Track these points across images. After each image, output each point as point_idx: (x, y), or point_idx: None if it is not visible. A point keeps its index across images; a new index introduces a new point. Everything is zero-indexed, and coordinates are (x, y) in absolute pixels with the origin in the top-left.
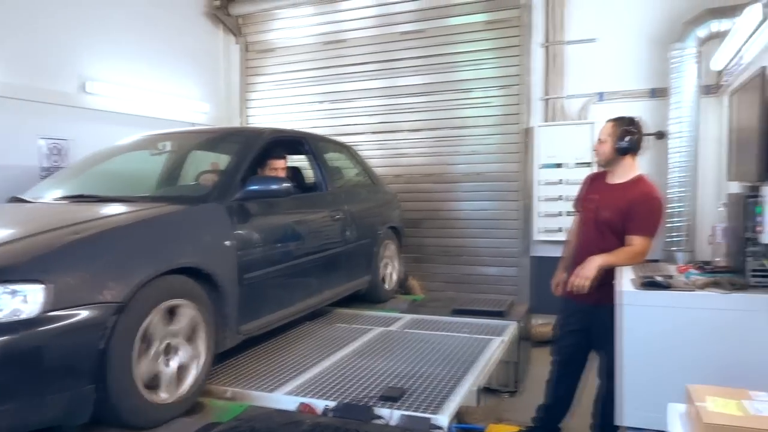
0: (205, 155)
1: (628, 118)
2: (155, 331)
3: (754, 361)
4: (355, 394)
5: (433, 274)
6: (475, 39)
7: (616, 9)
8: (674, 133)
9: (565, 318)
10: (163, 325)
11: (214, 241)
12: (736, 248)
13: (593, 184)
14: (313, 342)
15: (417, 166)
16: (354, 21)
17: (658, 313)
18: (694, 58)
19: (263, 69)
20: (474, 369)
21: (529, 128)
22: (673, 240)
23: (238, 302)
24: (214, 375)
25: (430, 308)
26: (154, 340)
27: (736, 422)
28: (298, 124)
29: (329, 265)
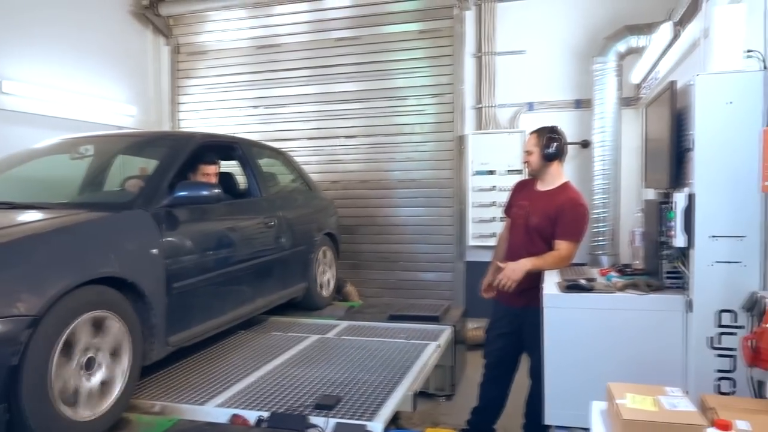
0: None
1: (549, 127)
2: (75, 345)
3: (669, 358)
4: (289, 404)
5: (370, 281)
6: (409, 48)
7: (542, 23)
8: (598, 143)
9: (494, 321)
10: (84, 338)
11: (139, 249)
12: (652, 251)
13: (522, 190)
14: (247, 351)
15: (353, 173)
16: (288, 26)
17: (580, 315)
18: (614, 72)
19: (195, 72)
20: (409, 374)
21: (462, 136)
22: (598, 244)
23: (166, 312)
24: (141, 389)
25: (367, 314)
26: (75, 354)
27: (652, 417)
28: (231, 129)
29: (263, 272)
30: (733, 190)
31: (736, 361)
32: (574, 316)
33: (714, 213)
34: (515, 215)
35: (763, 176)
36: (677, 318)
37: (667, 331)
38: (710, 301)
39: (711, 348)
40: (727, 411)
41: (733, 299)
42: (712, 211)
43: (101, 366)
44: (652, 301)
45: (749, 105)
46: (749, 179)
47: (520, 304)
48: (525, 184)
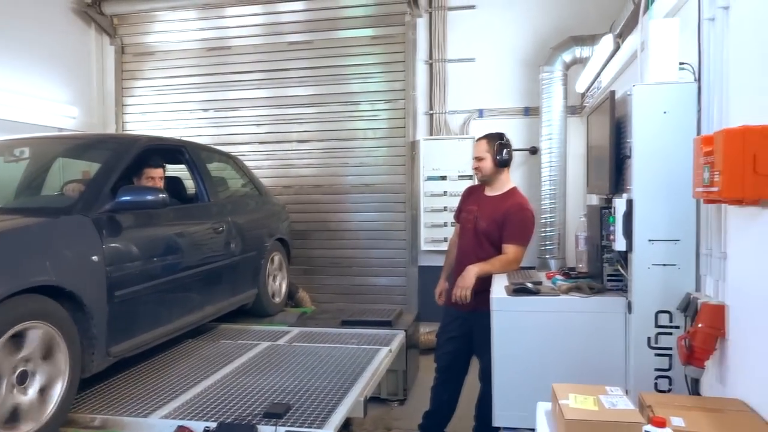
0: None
1: (497, 133)
2: (6, 359)
3: (611, 358)
4: (238, 413)
5: (323, 286)
6: (363, 53)
7: (492, 31)
8: (545, 149)
9: (445, 325)
10: (17, 350)
11: (78, 256)
12: (595, 255)
13: (472, 196)
14: (194, 360)
15: (306, 177)
16: (240, 28)
17: (527, 318)
18: (560, 81)
19: (142, 73)
20: (361, 380)
21: (414, 141)
22: (546, 248)
23: (108, 322)
24: (80, 402)
25: (319, 320)
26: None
27: (593, 417)
28: (180, 133)
29: (212, 279)
30: (668, 196)
31: (673, 360)
32: (522, 318)
33: (651, 218)
34: (465, 220)
35: (695, 182)
36: (618, 319)
37: (609, 332)
38: (648, 302)
39: (650, 347)
40: (663, 408)
41: (669, 300)
42: (650, 216)
43: (36, 380)
44: (595, 303)
45: (683, 114)
46: (683, 185)
47: (469, 308)
48: (474, 189)
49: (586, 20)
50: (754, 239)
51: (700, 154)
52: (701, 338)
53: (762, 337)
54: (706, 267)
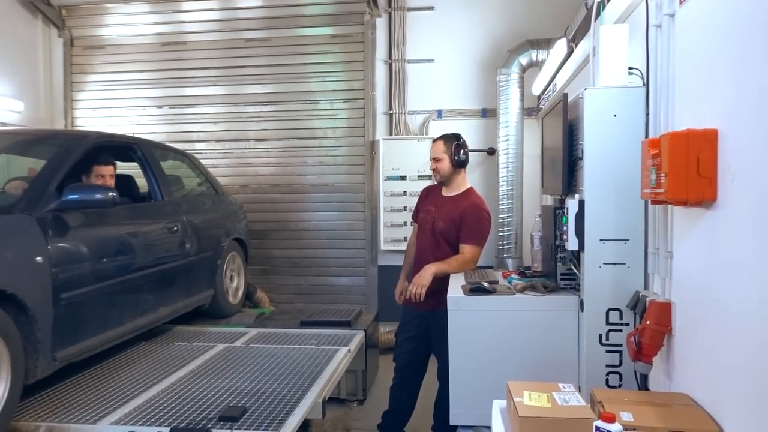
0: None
1: (454, 134)
2: None
3: (565, 355)
4: (192, 417)
5: (282, 286)
6: (322, 51)
7: (450, 33)
8: (502, 150)
9: (404, 324)
10: None
11: (20, 257)
12: (549, 254)
13: (429, 196)
14: (147, 364)
15: (264, 176)
16: (195, 23)
17: (483, 317)
18: (517, 83)
19: (92, 67)
20: (319, 381)
21: (374, 141)
22: (504, 247)
23: (53, 325)
24: (23, 409)
25: (278, 321)
26: None
27: (546, 413)
28: (133, 130)
29: (165, 280)
30: (618, 197)
31: (623, 356)
32: (478, 317)
33: (602, 218)
34: (422, 220)
35: (643, 184)
36: (571, 317)
37: (563, 330)
38: (599, 300)
39: (601, 344)
40: (613, 404)
41: (619, 298)
42: (600, 216)
43: None
44: (549, 302)
45: (632, 118)
46: (632, 187)
47: (427, 307)
48: (431, 190)
49: (543, 24)
50: (697, 239)
51: (648, 157)
52: (649, 335)
53: (705, 334)
54: (654, 266)
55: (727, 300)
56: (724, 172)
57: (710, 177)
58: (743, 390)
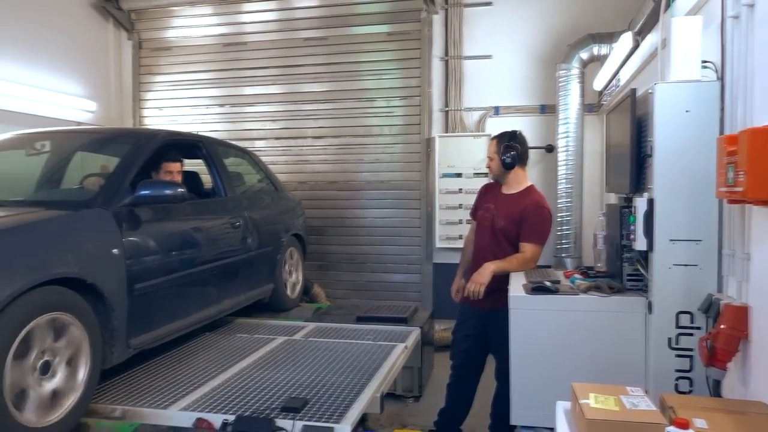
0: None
1: (510, 133)
2: (31, 348)
3: (630, 358)
4: (255, 407)
5: (338, 282)
6: (378, 49)
7: (508, 29)
8: (562, 147)
9: (461, 323)
10: (40, 340)
11: (99, 249)
12: (614, 254)
13: (489, 193)
14: (212, 354)
15: (321, 173)
16: (255, 24)
17: (545, 316)
18: (577, 79)
19: (159, 68)
20: (377, 376)
21: (430, 138)
22: (563, 247)
23: (128, 314)
24: (101, 393)
25: (335, 316)
26: (29, 357)
27: (614, 416)
28: (196, 128)
29: (229, 273)
30: (690, 196)
31: (694, 361)
32: (540, 317)
33: (673, 217)
34: (481, 218)
35: (718, 182)
36: (638, 319)
37: (629, 332)
38: (669, 302)
39: (670, 348)
40: (685, 410)
41: (690, 301)
42: (671, 215)
43: (58, 370)
44: (614, 303)
45: (706, 113)
46: (706, 185)
47: (486, 306)
48: (491, 187)
49: (604, 17)
50: None
51: (724, 154)
52: (724, 340)
53: None
54: (729, 268)
55: None
56: None
57: None
58: None
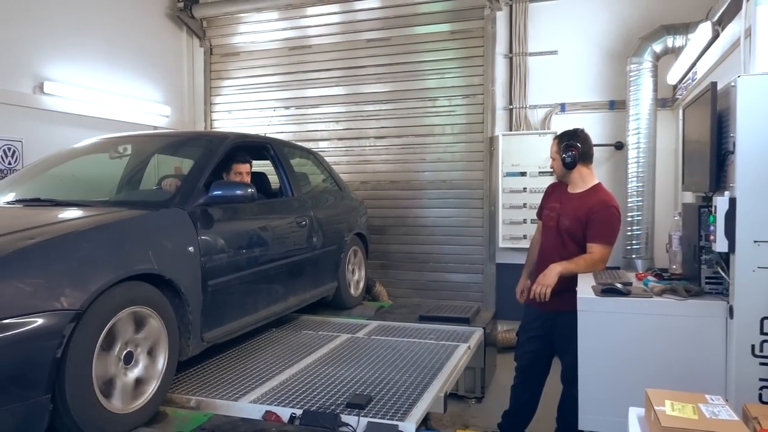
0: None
1: (571, 132)
2: (115, 340)
3: (709, 365)
4: (321, 402)
5: (400, 281)
6: (440, 48)
7: (575, 23)
8: (632, 144)
9: (526, 324)
10: (123, 332)
11: (176, 247)
12: (691, 256)
13: (554, 193)
14: (278, 349)
15: (383, 173)
16: (319, 27)
17: (616, 319)
18: (650, 72)
19: (228, 73)
20: (440, 375)
21: (493, 137)
22: (633, 248)
23: (202, 309)
24: (177, 383)
25: (397, 315)
26: (114, 348)
27: (693, 425)
28: (264, 129)
29: (295, 271)
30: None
31: None
32: (610, 320)
33: (757, 217)
34: (547, 218)
35: None
36: (718, 324)
37: (707, 338)
38: (753, 307)
39: (753, 356)
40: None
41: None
42: (755, 215)
43: (140, 360)
44: (692, 307)
45: None
46: None
47: (553, 307)
48: (557, 186)
49: (679, 8)
50: None
51: None
52: None
53: None
54: None
55: None
56: None
57: None
58: None
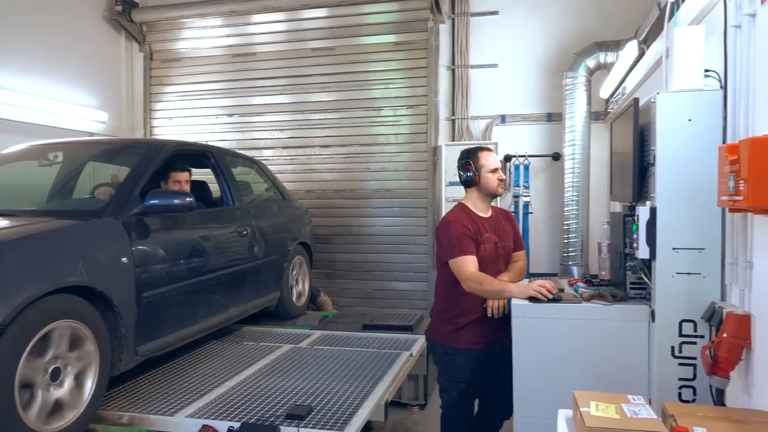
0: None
1: (463, 151)
2: (42, 355)
3: (633, 366)
4: (261, 414)
5: (345, 290)
6: (385, 59)
7: (515, 37)
8: (568, 155)
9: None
10: (51, 347)
11: (108, 258)
12: (617, 263)
13: (475, 224)
14: (218, 361)
15: (328, 182)
16: (264, 35)
17: (548, 324)
18: (584, 87)
19: (169, 79)
20: (381, 384)
21: (436, 147)
22: (569, 255)
23: (136, 322)
24: (109, 399)
25: (341, 324)
26: (41, 363)
27: (615, 425)
28: (206, 137)
29: (236, 281)
30: (693, 204)
31: (697, 370)
32: (542, 325)
33: (675, 226)
34: (488, 252)
35: (720, 191)
36: (641, 327)
37: (632, 340)
38: (672, 311)
39: (673, 357)
40: (686, 418)
41: (693, 309)
42: (674, 224)
43: (68, 376)
44: (618, 311)
45: (708, 122)
46: (708, 194)
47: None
48: (468, 218)
49: (611, 26)
50: None
51: (726, 163)
52: (726, 348)
53: None
54: (732, 276)
55: None
56: None
57: None
58: None
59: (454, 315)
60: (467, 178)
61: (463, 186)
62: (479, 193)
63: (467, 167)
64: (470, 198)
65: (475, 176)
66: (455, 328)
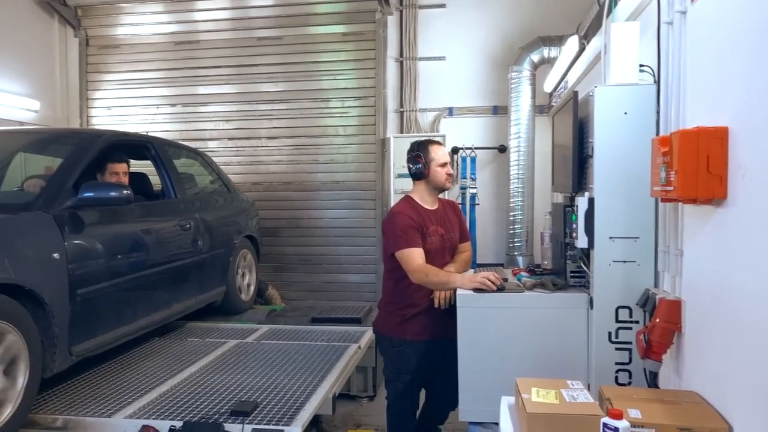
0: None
1: (413, 143)
2: None
3: (574, 352)
4: (204, 412)
5: (293, 283)
6: (333, 50)
7: (462, 31)
8: (513, 148)
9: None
10: None
11: (38, 253)
12: (558, 252)
13: (421, 216)
14: (160, 359)
15: (275, 174)
16: (208, 22)
17: (492, 314)
18: (528, 80)
19: (107, 66)
20: (329, 377)
21: (385, 139)
22: (515, 245)
23: (70, 321)
24: (41, 402)
25: (289, 318)
26: None
27: (554, 410)
28: (147, 128)
29: (178, 276)
30: (628, 195)
31: (633, 354)
32: (487, 315)
33: (611, 216)
34: (434, 245)
35: (653, 182)
36: (581, 314)
37: (572, 327)
38: (609, 298)
39: (610, 342)
40: (621, 401)
41: (629, 296)
42: (610, 214)
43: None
44: (558, 299)
45: (643, 115)
46: (643, 184)
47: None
48: (415, 211)
49: (555, 21)
50: (708, 237)
51: (658, 154)
52: (658, 333)
53: (714, 332)
54: (664, 263)
55: (738, 298)
56: (735, 169)
57: (720, 175)
58: (753, 388)
59: (401, 307)
60: (416, 170)
61: (411, 178)
62: (427, 186)
63: (417, 159)
64: (417, 190)
65: (425, 169)
66: (402, 320)
